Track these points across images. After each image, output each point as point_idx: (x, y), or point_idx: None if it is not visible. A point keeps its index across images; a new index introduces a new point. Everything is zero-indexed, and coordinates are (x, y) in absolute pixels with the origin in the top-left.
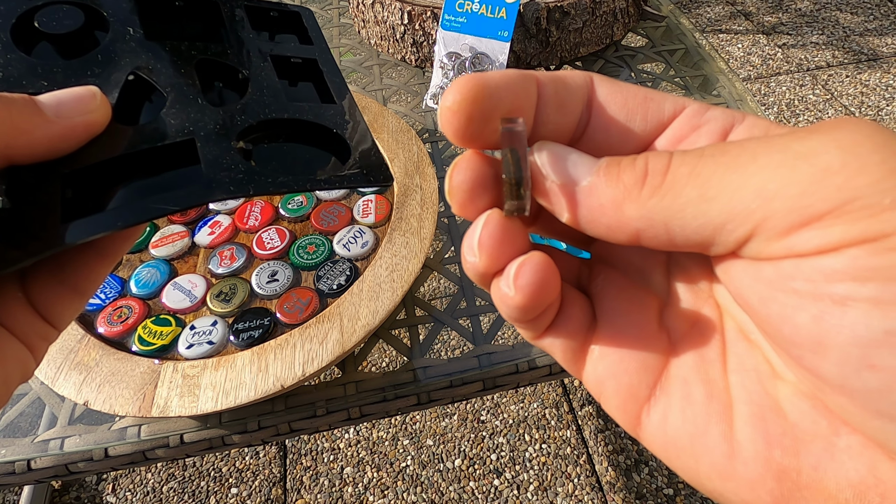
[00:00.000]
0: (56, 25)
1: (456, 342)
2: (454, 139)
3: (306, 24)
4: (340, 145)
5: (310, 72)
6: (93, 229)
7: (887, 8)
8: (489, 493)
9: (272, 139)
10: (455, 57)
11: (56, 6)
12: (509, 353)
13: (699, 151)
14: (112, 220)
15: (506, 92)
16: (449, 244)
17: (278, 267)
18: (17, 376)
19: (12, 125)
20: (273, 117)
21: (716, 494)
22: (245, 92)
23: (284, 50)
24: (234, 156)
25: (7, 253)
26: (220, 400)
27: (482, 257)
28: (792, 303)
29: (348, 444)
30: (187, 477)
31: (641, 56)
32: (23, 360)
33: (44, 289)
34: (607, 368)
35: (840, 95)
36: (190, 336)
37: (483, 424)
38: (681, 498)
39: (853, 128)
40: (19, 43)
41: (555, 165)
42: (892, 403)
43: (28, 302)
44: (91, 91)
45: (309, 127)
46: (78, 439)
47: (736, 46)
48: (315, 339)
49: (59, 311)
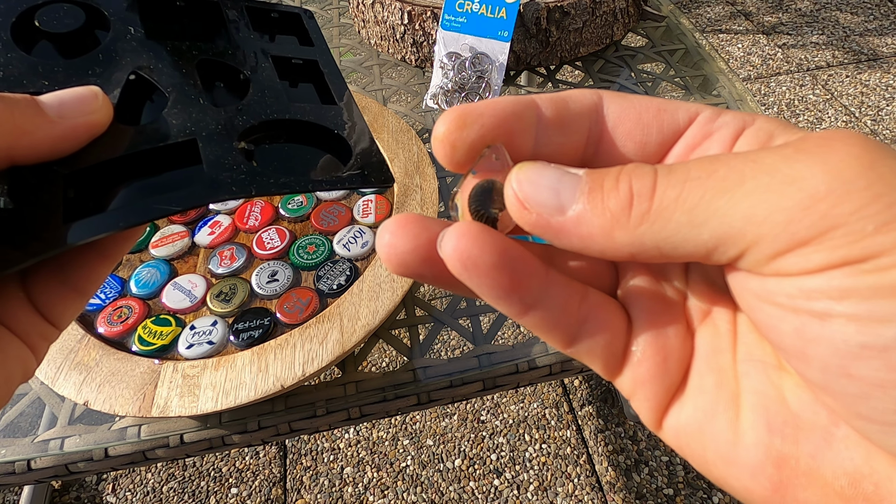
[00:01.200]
0: (57, 24)
1: (456, 342)
2: (447, 167)
3: (307, 26)
4: (341, 146)
5: (310, 73)
6: (95, 230)
7: (887, 8)
8: (489, 493)
9: (273, 140)
10: (455, 57)
11: (57, 5)
12: (509, 353)
13: (685, 172)
14: (114, 220)
15: (491, 119)
16: None
17: (278, 267)
18: (18, 376)
19: (15, 126)
20: (274, 118)
21: (720, 480)
22: (246, 92)
23: (285, 51)
24: (236, 156)
25: (9, 254)
26: (220, 400)
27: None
28: (776, 314)
29: (348, 444)
30: (187, 477)
31: (641, 56)
32: (24, 360)
33: (45, 288)
34: (648, 371)
35: (840, 95)
36: (190, 336)
37: (483, 424)
38: (681, 498)
39: (842, 147)
40: (20, 42)
41: (534, 195)
42: (870, 409)
43: (29, 301)
44: (93, 91)
45: (310, 128)
46: (78, 439)
47: (736, 46)
48: (315, 339)
49: (61, 310)
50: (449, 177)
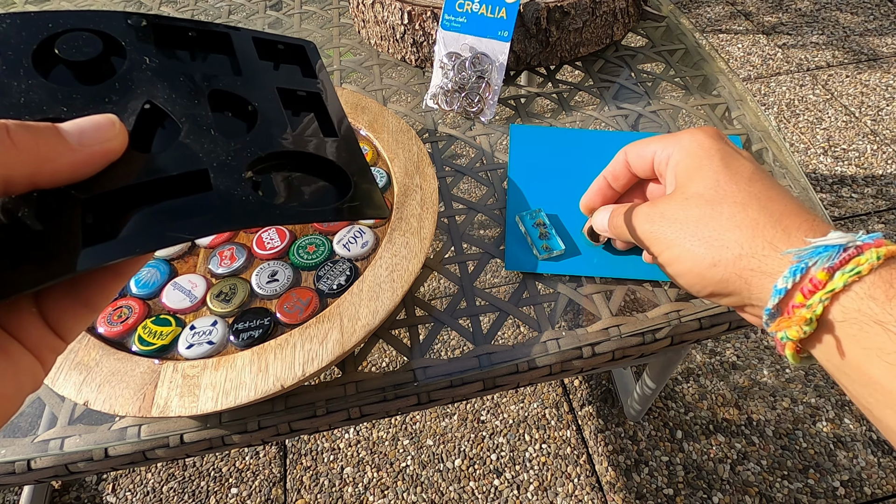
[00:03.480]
0: (76, 52)
1: (456, 342)
2: None
3: (310, 57)
4: (341, 178)
5: (313, 104)
6: (112, 254)
7: (887, 8)
8: (489, 493)
9: (278, 169)
10: (455, 57)
11: (76, 33)
12: (509, 353)
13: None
14: (130, 246)
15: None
16: (449, 244)
17: (278, 267)
18: (28, 387)
19: (39, 154)
20: (280, 149)
21: None
22: (253, 123)
23: (290, 83)
24: (245, 187)
25: (32, 273)
26: (220, 400)
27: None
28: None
29: (348, 444)
30: (187, 477)
31: (641, 56)
32: (34, 372)
33: (56, 303)
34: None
35: (840, 95)
36: (190, 336)
37: (483, 424)
38: (681, 498)
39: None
40: (40, 68)
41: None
42: None
43: (41, 316)
44: (110, 119)
45: (312, 159)
46: (78, 439)
47: (736, 46)
48: (315, 339)
49: (70, 325)
50: (449, 177)
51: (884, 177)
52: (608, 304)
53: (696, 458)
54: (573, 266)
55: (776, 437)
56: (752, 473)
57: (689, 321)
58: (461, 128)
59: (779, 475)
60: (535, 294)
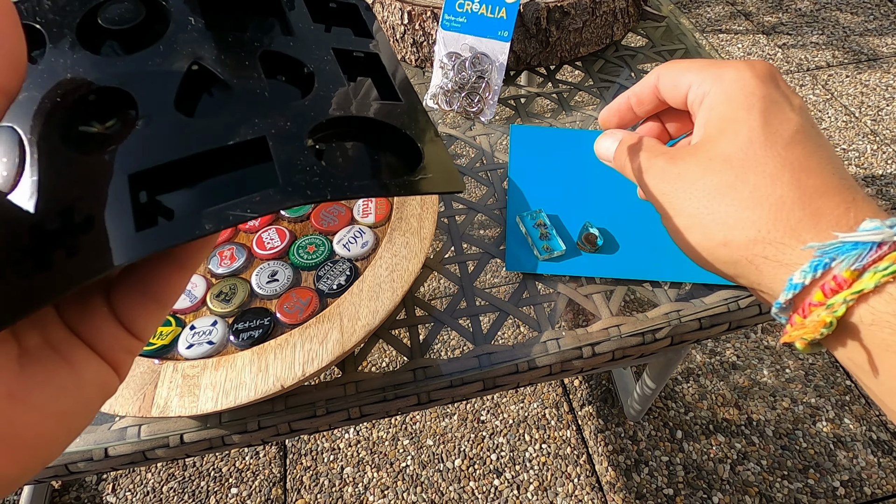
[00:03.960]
0: (119, 21)
1: (456, 342)
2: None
3: (364, 17)
4: (410, 147)
5: (371, 67)
6: (169, 239)
7: (887, 8)
8: (489, 493)
9: (340, 138)
10: (455, 57)
11: (117, 4)
12: (509, 353)
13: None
14: (189, 229)
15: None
16: (449, 244)
17: (278, 267)
18: (96, 399)
19: None
20: (342, 115)
21: None
22: (310, 87)
23: (345, 43)
24: (308, 156)
25: (90, 263)
26: (220, 400)
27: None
28: None
29: (348, 444)
30: (187, 477)
31: (641, 56)
32: (102, 381)
33: (127, 301)
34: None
35: (840, 95)
36: (190, 336)
37: (483, 424)
38: (681, 498)
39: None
40: (84, 41)
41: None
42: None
43: (113, 315)
44: None
45: (377, 126)
46: (78, 439)
47: (736, 46)
48: (315, 339)
49: (143, 322)
50: None
51: (884, 177)
52: (608, 304)
53: (696, 458)
54: (574, 266)
55: (776, 437)
56: (752, 473)
57: (689, 321)
58: (461, 128)
59: (779, 475)
60: (535, 294)
